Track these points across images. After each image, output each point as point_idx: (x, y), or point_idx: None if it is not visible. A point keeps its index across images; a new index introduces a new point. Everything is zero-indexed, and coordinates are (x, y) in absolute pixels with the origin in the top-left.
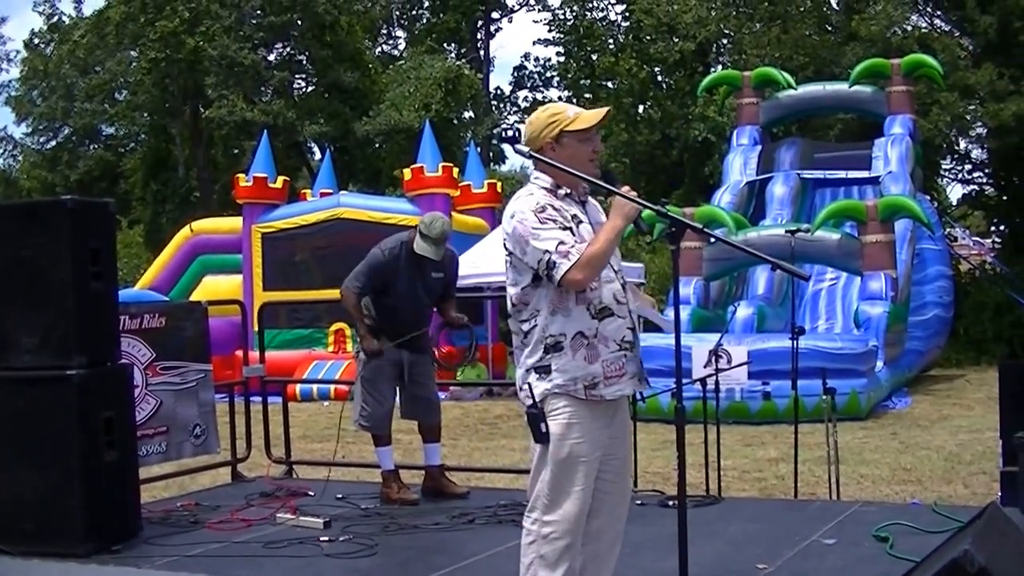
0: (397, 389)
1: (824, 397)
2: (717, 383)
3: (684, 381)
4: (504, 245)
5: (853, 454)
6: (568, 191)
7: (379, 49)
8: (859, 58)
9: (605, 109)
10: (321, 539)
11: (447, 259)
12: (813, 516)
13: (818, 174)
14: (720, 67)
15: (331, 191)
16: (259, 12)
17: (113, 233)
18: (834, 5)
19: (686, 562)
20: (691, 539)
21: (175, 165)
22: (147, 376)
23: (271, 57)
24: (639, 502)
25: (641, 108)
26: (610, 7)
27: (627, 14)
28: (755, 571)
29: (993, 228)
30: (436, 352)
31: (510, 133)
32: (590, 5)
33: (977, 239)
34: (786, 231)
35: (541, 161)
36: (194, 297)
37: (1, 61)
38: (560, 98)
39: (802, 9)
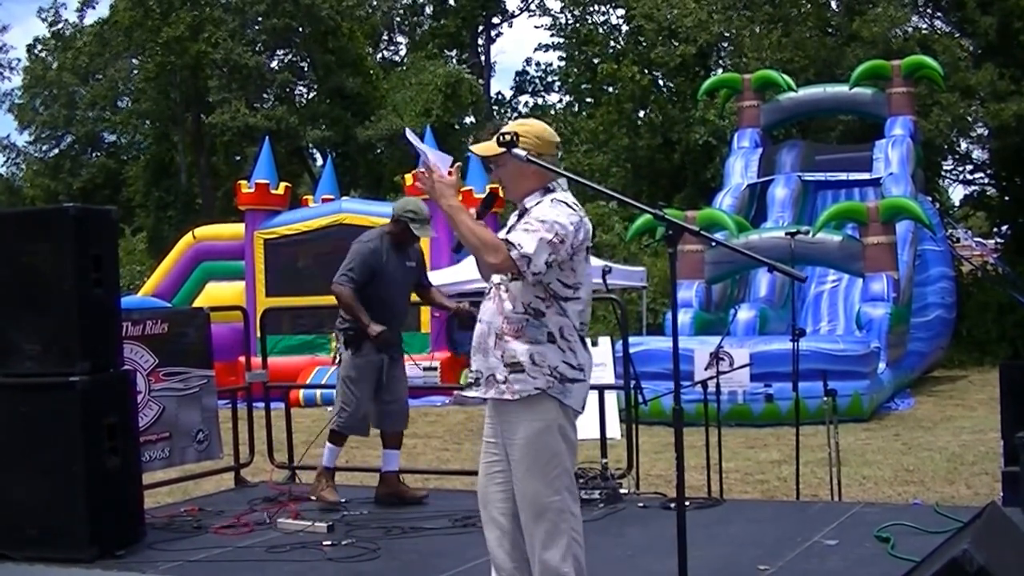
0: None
1: (826, 399)
2: (719, 385)
3: (686, 384)
4: None
5: (856, 455)
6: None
7: (380, 55)
8: (860, 60)
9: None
10: (324, 543)
11: (415, 247)
12: (815, 517)
13: (819, 176)
14: (721, 70)
15: (333, 197)
16: (262, 18)
17: (116, 240)
18: (834, 7)
19: (685, 562)
20: (693, 540)
21: (177, 172)
22: (150, 382)
23: (273, 64)
24: (641, 504)
25: (642, 113)
26: (610, 11)
27: (628, 18)
28: (756, 572)
29: (995, 229)
30: (432, 357)
31: (508, 137)
32: (591, 9)
33: (979, 240)
34: (787, 233)
35: (540, 166)
36: (197, 303)
37: (3, 69)
38: (561, 102)
39: (803, 11)
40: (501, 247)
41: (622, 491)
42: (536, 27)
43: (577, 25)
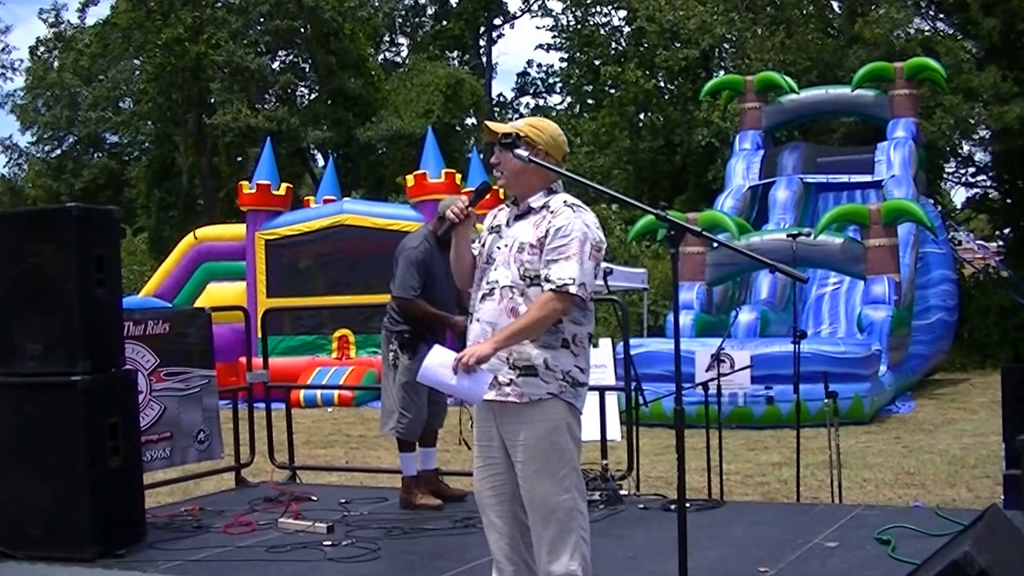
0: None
1: (827, 401)
2: (720, 387)
3: (687, 386)
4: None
5: (856, 458)
6: (515, 199)
7: (382, 56)
8: (862, 62)
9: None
10: (324, 544)
11: None
12: (815, 519)
13: (821, 178)
14: (723, 72)
15: (334, 198)
16: (264, 19)
17: (118, 240)
18: (836, 9)
19: (686, 564)
20: (693, 542)
21: (179, 173)
22: (151, 382)
23: (275, 65)
24: (641, 506)
25: (643, 115)
26: (613, 13)
27: (630, 20)
28: (757, 574)
29: (997, 232)
30: None
31: (510, 139)
32: (593, 11)
33: (981, 243)
34: (788, 235)
35: (542, 167)
36: (198, 304)
37: (6, 70)
38: (562, 103)
39: (805, 13)
40: (551, 298)
41: (623, 493)
42: (538, 28)
43: (579, 27)
